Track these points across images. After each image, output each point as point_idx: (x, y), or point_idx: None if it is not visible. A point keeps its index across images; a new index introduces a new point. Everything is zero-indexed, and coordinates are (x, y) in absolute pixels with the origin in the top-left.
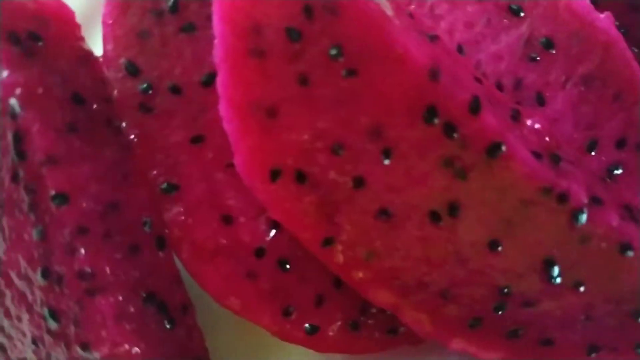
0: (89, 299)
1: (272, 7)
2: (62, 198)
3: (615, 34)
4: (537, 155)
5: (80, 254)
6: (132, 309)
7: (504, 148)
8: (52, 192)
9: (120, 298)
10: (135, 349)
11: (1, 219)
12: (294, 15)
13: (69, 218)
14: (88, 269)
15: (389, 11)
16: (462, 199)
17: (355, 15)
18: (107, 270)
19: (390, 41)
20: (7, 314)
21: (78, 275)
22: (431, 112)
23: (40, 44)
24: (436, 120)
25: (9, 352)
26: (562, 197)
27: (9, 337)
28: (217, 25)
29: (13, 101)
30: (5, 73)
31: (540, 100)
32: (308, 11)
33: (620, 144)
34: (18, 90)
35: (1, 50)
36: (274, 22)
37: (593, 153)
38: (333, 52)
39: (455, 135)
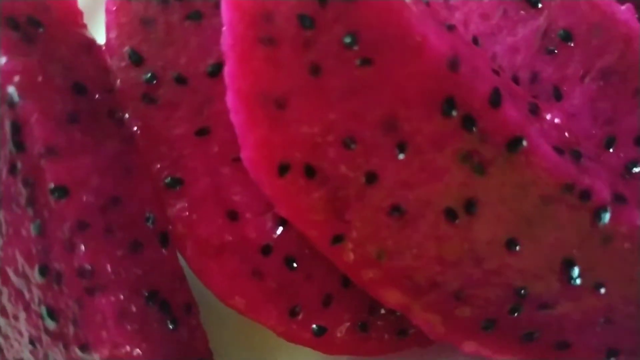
0: (89, 297)
1: None
2: (61, 191)
3: (636, 26)
4: (558, 150)
5: (80, 250)
6: (133, 309)
7: (524, 143)
8: (52, 185)
9: (122, 297)
10: (137, 351)
11: None
12: (306, 1)
13: (68, 212)
14: (88, 267)
15: None
16: (480, 195)
17: (371, 1)
18: (108, 267)
19: (408, 29)
20: (4, 313)
21: (78, 272)
22: (450, 104)
23: (40, 30)
24: (455, 113)
25: (5, 352)
26: (585, 195)
27: (5, 337)
28: (225, 12)
29: (11, 89)
30: (3, 59)
31: (557, 95)
32: None
33: (639, 140)
34: (17, 78)
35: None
36: (285, 8)
37: (611, 149)
38: (347, 40)
39: (474, 128)
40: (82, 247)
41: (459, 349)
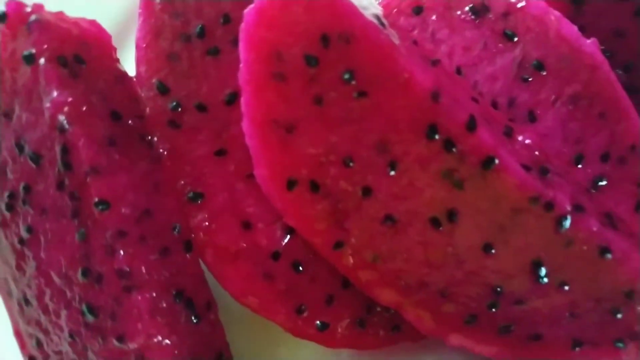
0: (127, 295)
1: (292, 36)
2: (104, 204)
3: (600, 58)
4: (526, 167)
5: (120, 255)
6: (164, 305)
7: (496, 161)
8: (96, 199)
9: (154, 294)
10: (167, 341)
11: (45, 223)
12: (312, 44)
13: (110, 223)
14: (126, 268)
15: (397, 40)
16: (460, 207)
17: (367, 44)
18: (143, 269)
19: (397, 67)
20: (46, 311)
21: (117, 274)
22: (432, 129)
23: (83, 65)
24: (437, 137)
25: (45, 346)
26: (548, 205)
27: (46, 332)
28: (243, 52)
29: (62, 118)
30: (55, 93)
31: (532, 118)
32: (325, 40)
33: (605, 157)
34: (66, 108)
35: (52, 72)
36: (294, 49)
37: (580, 166)
38: (346, 76)
39: (454, 150)
40: (121, 252)
41: (446, 342)
